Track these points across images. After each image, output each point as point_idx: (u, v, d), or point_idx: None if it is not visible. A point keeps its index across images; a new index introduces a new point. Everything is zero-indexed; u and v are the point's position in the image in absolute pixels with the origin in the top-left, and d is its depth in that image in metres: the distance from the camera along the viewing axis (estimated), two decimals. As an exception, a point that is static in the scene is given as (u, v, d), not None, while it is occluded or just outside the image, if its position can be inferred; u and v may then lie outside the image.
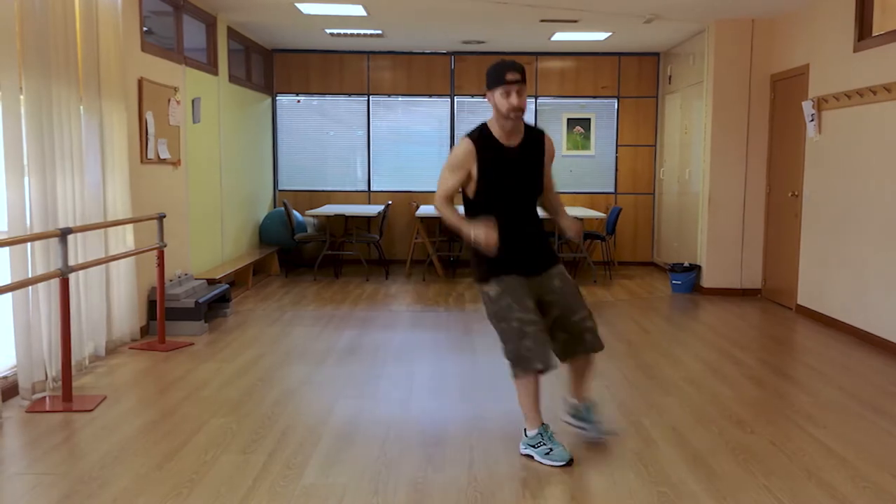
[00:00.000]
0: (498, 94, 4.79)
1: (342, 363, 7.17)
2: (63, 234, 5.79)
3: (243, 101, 11.93)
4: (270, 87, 13.60)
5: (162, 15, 9.02)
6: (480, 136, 4.90)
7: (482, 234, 4.72)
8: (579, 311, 4.96)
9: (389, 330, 8.53)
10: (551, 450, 4.82)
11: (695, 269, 11.15)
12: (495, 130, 4.91)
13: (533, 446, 4.89)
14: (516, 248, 4.90)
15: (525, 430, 4.97)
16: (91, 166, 7.02)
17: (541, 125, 13.19)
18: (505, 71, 4.79)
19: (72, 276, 6.35)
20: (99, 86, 7.13)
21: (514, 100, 4.76)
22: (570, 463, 4.78)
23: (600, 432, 5.21)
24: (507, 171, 4.88)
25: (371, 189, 13.85)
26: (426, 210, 11.84)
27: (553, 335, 4.94)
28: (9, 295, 5.68)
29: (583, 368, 5.16)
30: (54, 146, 6.31)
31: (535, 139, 5.01)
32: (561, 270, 5.02)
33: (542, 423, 4.91)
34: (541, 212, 5.18)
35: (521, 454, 4.96)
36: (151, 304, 8.21)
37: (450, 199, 4.95)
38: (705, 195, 11.00)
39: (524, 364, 4.76)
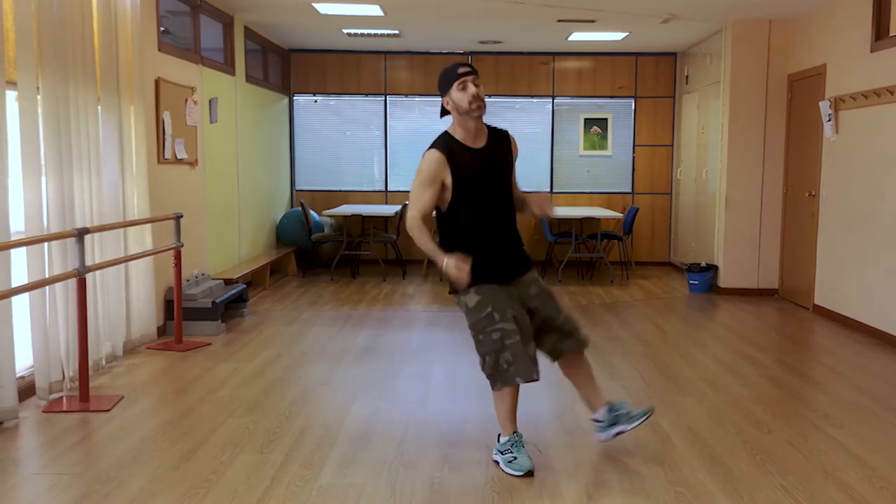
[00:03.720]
0: (455, 91, 4.71)
1: (359, 363, 7.17)
2: (80, 234, 5.81)
3: (260, 101, 11.96)
4: (287, 87, 13.62)
5: (179, 15, 9.05)
6: (447, 143, 4.75)
7: (454, 268, 4.52)
8: (560, 314, 4.85)
9: (406, 330, 8.53)
10: (515, 458, 4.69)
11: (712, 269, 11.12)
12: (460, 135, 4.78)
13: (501, 452, 4.78)
14: (494, 256, 4.76)
15: (499, 436, 4.89)
16: (108, 166, 7.03)
17: (558, 125, 13.27)
18: (455, 67, 4.73)
19: (89, 276, 6.36)
20: (116, 86, 7.15)
21: (471, 89, 4.68)
22: (529, 473, 4.62)
23: (638, 417, 4.93)
24: (480, 175, 4.73)
25: (388, 189, 13.86)
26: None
27: (541, 339, 4.83)
28: (26, 295, 5.71)
29: (580, 373, 5.00)
30: (71, 146, 6.34)
31: (500, 138, 4.90)
32: (535, 276, 4.91)
33: (515, 431, 4.79)
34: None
35: (493, 460, 4.87)
36: (168, 304, 8.23)
37: (425, 219, 4.70)
38: (722, 195, 10.96)
39: (504, 378, 4.65)
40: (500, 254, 4.80)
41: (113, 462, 4.79)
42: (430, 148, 4.74)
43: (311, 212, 12.60)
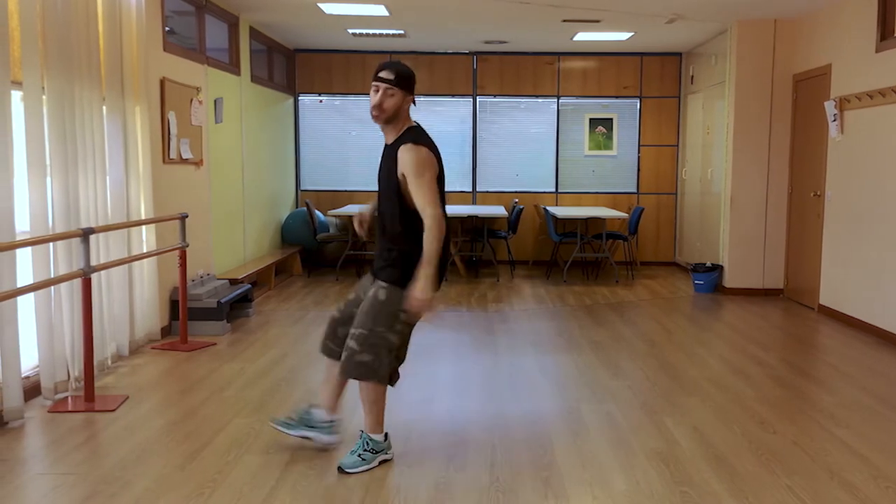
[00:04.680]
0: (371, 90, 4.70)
1: (363, 363, 7.16)
2: (85, 234, 5.81)
3: (266, 101, 11.96)
4: (293, 87, 13.63)
5: (184, 15, 9.06)
6: None
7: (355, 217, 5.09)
8: (353, 326, 4.77)
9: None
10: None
11: (717, 269, 11.12)
12: None
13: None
14: (375, 250, 4.94)
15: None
16: (113, 166, 7.05)
17: (563, 125, 13.27)
18: (379, 69, 4.64)
19: (94, 276, 6.38)
20: (121, 86, 7.16)
21: (373, 98, 4.62)
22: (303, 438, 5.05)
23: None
24: (379, 168, 4.86)
25: (393, 189, 13.83)
26: (448, 209, 11.75)
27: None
28: (31, 295, 5.71)
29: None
30: (76, 146, 6.34)
31: (395, 145, 4.70)
32: (380, 286, 4.74)
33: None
34: None
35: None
36: (174, 304, 8.24)
37: None
38: (727, 195, 10.96)
39: None
40: (376, 249, 4.93)
41: (118, 462, 4.79)
42: None
43: (317, 212, 12.61)
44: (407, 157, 4.57)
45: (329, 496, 4.32)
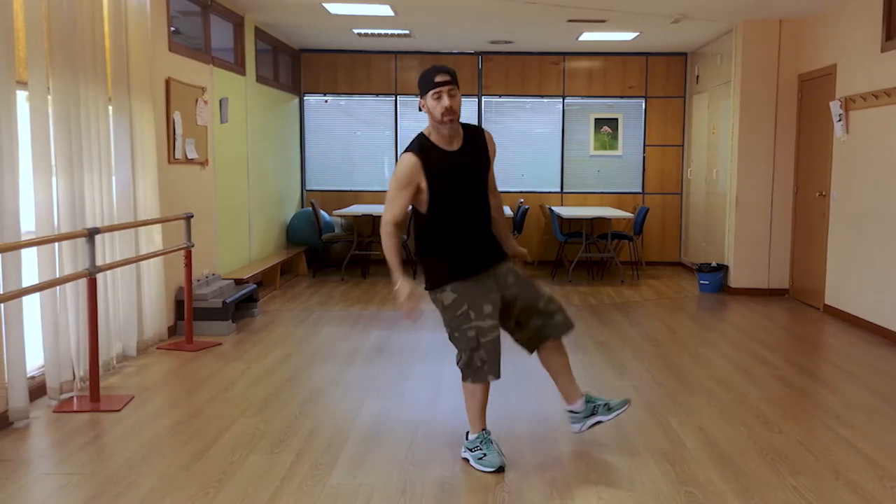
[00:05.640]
0: (429, 98, 4.69)
1: (370, 363, 7.17)
2: (91, 234, 5.82)
3: (271, 101, 11.97)
4: (298, 88, 13.63)
5: (189, 15, 9.06)
6: (422, 147, 4.77)
7: (403, 298, 4.72)
8: (542, 297, 4.90)
9: (417, 330, 8.52)
10: (485, 455, 4.76)
11: (722, 269, 11.10)
12: (435, 138, 4.79)
13: (470, 450, 4.84)
14: (469, 253, 4.82)
15: (467, 433, 4.96)
16: (119, 166, 7.06)
17: (568, 125, 13.25)
18: (434, 74, 4.69)
19: (99, 276, 6.38)
20: (127, 86, 7.16)
21: (445, 101, 4.64)
22: (500, 469, 4.69)
23: (617, 408, 4.99)
24: (455, 177, 4.79)
25: (398, 189, 13.83)
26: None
27: (522, 327, 4.91)
28: (37, 295, 5.72)
29: (560, 362, 5.04)
30: (82, 146, 6.35)
31: (475, 138, 4.92)
32: (510, 266, 4.93)
33: (484, 429, 4.88)
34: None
35: (461, 458, 4.91)
36: (179, 304, 8.25)
37: (399, 224, 4.80)
38: (733, 195, 10.95)
39: (476, 375, 4.73)
40: (475, 250, 4.85)
41: (123, 462, 4.80)
42: (405, 151, 4.78)
43: (322, 212, 12.61)
44: (493, 143, 5.04)
45: (334, 497, 4.33)
